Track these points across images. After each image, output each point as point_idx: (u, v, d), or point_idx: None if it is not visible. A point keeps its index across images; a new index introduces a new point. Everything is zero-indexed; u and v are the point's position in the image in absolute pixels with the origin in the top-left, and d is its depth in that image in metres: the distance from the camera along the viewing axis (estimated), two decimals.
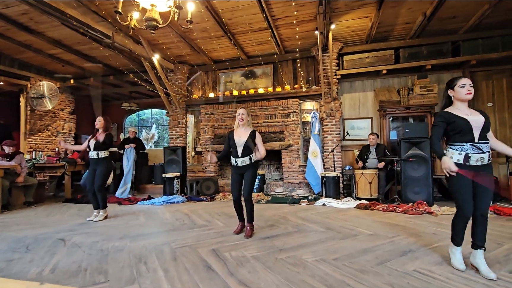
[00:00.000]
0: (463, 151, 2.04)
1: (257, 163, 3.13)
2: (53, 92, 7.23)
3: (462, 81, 2.10)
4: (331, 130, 6.19)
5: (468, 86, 2.08)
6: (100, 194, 4.04)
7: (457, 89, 2.11)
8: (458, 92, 2.11)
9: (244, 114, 3.13)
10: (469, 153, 2.01)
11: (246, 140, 3.05)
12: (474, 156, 2.01)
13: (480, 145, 2.01)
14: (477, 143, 2.01)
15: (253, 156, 3.06)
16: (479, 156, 2.00)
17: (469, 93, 2.08)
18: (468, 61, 5.47)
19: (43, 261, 2.44)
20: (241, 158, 3.06)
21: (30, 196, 5.37)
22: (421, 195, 4.68)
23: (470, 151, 2.02)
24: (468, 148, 2.02)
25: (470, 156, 2.01)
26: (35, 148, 7.26)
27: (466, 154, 2.02)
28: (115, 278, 2.07)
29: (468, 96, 2.08)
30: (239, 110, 3.15)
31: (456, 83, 2.12)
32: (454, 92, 2.14)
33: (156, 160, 8.36)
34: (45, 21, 4.91)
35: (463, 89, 2.09)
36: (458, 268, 2.09)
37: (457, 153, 2.06)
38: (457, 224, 2.12)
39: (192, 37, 5.71)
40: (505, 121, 5.67)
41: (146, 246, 2.78)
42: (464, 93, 2.09)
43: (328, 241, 2.86)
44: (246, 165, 3.06)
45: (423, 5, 4.64)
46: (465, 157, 2.02)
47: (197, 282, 1.97)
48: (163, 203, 5.36)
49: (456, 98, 2.14)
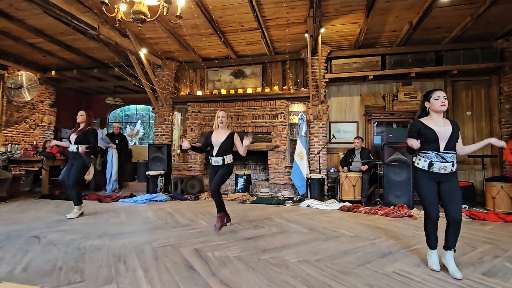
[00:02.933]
0: (428, 158, 2.20)
1: (231, 165, 3.31)
2: (32, 83, 6.92)
3: (437, 94, 2.24)
4: (318, 133, 6.27)
5: (442, 99, 2.21)
6: (74, 190, 3.87)
7: (432, 101, 2.25)
8: (433, 104, 2.25)
9: (224, 117, 3.29)
10: (433, 160, 2.18)
11: (223, 141, 3.23)
12: (437, 163, 2.17)
13: (444, 154, 2.16)
14: (442, 152, 2.17)
15: (226, 158, 3.23)
16: (442, 164, 2.16)
17: (443, 105, 2.21)
18: (450, 70, 5.68)
19: (14, 259, 2.32)
20: (215, 157, 3.25)
21: (4, 190, 5.10)
22: (402, 199, 4.80)
23: (434, 159, 2.18)
24: (432, 156, 2.19)
25: (434, 164, 2.17)
26: (11, 140, 6.92)
27: (430, 161, 2.19)
28: (91, 277, 1.99)
29: (442, 108, 2.21)
30: (220, 113, 3.32)
31: (432, 95, 2.26)
32: (429, 104, 2.27)
33: (140, 157, 8.17)
34: (26, 8, 4.68)
35: (437, 101, 2.22)
36: (432, 268, 2.19)
37: (423, 159, 2.23)
38: (427, 228, 2.26)
39: (181, 33, 5.62)
40: (482, 129, 5.93)
41: (126, 245, 2.70)
42: (438, 105, 2.22)
43: (311, 242, 2.88)
44: (219, 165, 3.25)
45: (410, 14, 4.77)
46: (429, 164, 2.19)
47: (178, 282, 1.93)
48: (146, 201, 5.24)
49: (432, 110, 2.27)
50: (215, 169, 3.30)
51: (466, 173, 5.92)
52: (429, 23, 4.97)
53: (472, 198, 4.98)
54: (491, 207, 4.66)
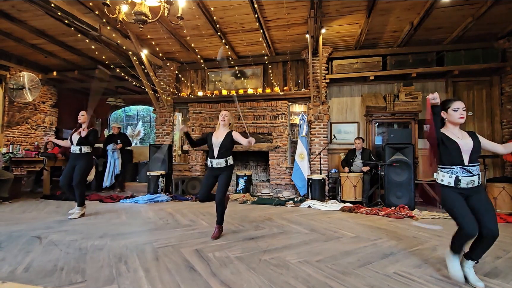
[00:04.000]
0: (453, 174, 2.01)
1: (232, 166, 3.17)
2: (34, 84, 6.95)
3: (456, 105, 2.05)
4: (319, 134, 6.26)
5: (461, 110, 2.04)
6: (78, 190, 3.88)
7: (451, 112, 2.07)
8: (451, 116, 2.07)
9: (227, 116, 3.18)
10: (460, 175, 1.99)
11: (223, 140, 3.09)
12: (464, 178, 1.98)
13: (470, 168, 1.98)
14: (467, 166, 1.99)
15: (228, 159, 3.09)
16: (469, 178, 1.97)
17: (462, 117, 2.04)
18: (451, 71, 5.66)
19: (16, 259, 2.32)
20: (216, 159, 3.07)
21: (5, 191, 5.12)
22: (403, 199, 4.79)
23: (461, 174, 1.99)
24: (458, 171, 2.00)
25: (461, 179, 1.98)
26: (13, 141, 6.94)
27: (457, 176, 1.99)
28: (93, 278, 2.00)
29: (460, 120, 2.05)
30: (223, 111, 3.22)
31: (450, 105, 2.07)
32: (447, 114, 2.09)
33: (141, 157, 8.18)
34: (28, 9, 4.70)
35: (456, 112, 2.05)
36: (456, 278, 1.99)
37: (447, 175, 2.03)
38: (460, 241, 2.01)
39: (182, 34, 5.63)
40: (484, 130, 5.91)
41: (127, 245, 2.71)
42: (457, 117, 2.05)
43: (312, 243, 2.88)
44: (222, 167, 3.07)
45: (411, 15, 4.77)
46: (456, 179, 1.99)
47: (179, 283, 1.93)
48: (147, 201, 5.25)
49: (449, 121, 2.10)
50: (214, 173, 3.12)
51: None
52: (430, 24, 4.96)
53: None
54: None
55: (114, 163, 6.56)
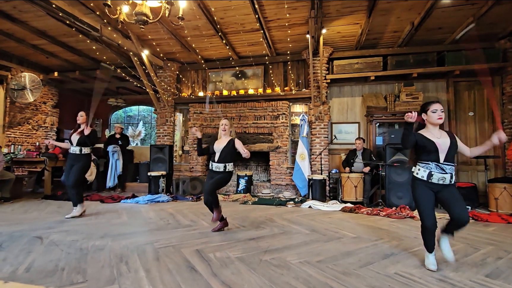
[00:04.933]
0: (427, 168, 2.20)
1: (230, 173, 3.32)
2: (35, 84, 6.96)
3: (434, 107, 2.23)
4: (319, 134, 6.26)
5: (439, 112, 2.22)
6: (73, 190, 3.89)
7: (430, 114, 2.25)
8: (430, 117, 2.25)
9: (227, 125, 3.35)
10: (433, 171, 2.17)
11: (224, 147, 3.26)
12: (436, 174, 2.16)
13: (444, 166, 2.16)
14: (441, 164, 2.17)
15: (228, 165, 3.25)
16: (441, 175, 2.15)
17: (440, 118, 2.22)
18: (452, 71, 5.65)
19: (17, 259, 2.33)
20: (216, 163, 3.26)
21: (7, 191, 5.13)
22: (404, 200, 4.79)
23: (434, 169, 2.17)
24: (432, 167, 2.18)
25: (433, 174, 2.17)
26: (14, 141, 6.96)
27: (430, 171, 2.18)
28: (94, 278, 2.00)
29: (439, 121, 2.22)
30: (223, 121, 3.37)
31: (429, 107, 2.25)
32: (427, 116, 2.27)
33: (141, 157, 8.19)
34: (29, 10, 4.72)
35: (435, 114, 2.22)
36: (429, 268, 2.20)
37: (423, 170, 2.22)
38: (424, 235, 2.26)
39: (183, 35, 5.64)
40: (485, 130, 5.90)
41: (128, 246, 2.71)
42: (436, 118, 2.22)
43: (312, 243, 2.88)
44: (220, 171, 3.24)
45: (411, 15, 4.77)
46: (428, 174, 2.18)
47: (180, 283, 1.93)
48: (148, 201, 5.25)
49: (428, 122, 2.28)
50: (213, 175, 3.29)
51: (468, 173, 5.90)
52: (431, 24, 4.95)
53: (474, 199, 4.95)
54: (494, 208, 4.63)
55: (115, 163, 6.57)
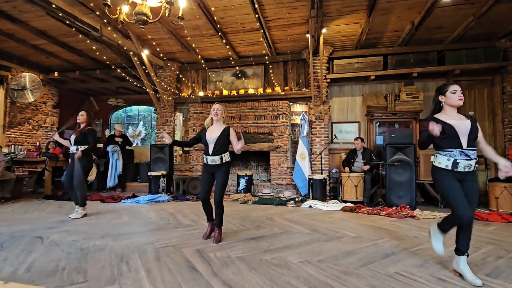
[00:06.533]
0: (451, 156, 2.01)
1: (229, 163, 2.99)
2: (35, 85, 6.96)
3: (454, 87, 2.09)
4: (320, 133, 6.26)
5: (459, 93, 2.07)
6: (79, 191, 3.89)
7: (449, 95, 2.09)
8: (449, 98, 2.09)
9: (219, 110, 2.95)
10: (458, 159, 1.99)
11: (218, 137, 2.89)
12: (462, 162, 1.99)
13: (468, 151, 1.99)
14: (465, 149, 1.99)
15: (224, 156, 2.92)
16: (467, 162, 1.98)
17: (460, 99, 2.07)
18: (452, 70, 5.64)
19: (18, 259, 2.33)
20: (211, 156, 2.90)
21: (7, 191, 5.14)
22: (404, 199, 4.78)
23: (459, 157, 1.99)
24: (456, 154, 2.00)
25: (459, 162, 1.99)
26: (14, 141, 6.97)
27: (455, 159, 2.00)
28: (94, 278, 2.00)
29: (459, 102, 2.07)
30: (215, 105, 2.98)
31: (448, 89, 2.10)
32: (445, 98, 2.11)
33: (142, 157, 8.19)
34: (29, 10, 4.71)
35: (454, 95, 2.07)
36: (437, 250, 2.14)
37: (446, 158, 2.04)
38: (449, 222, 2.10)
39: (183, 34, 5.64)
40: (485, 129, 5.89)
41: (128, 246, 2.71)
42: (456, 99, 2.07)
43: (313, 243, 2.88)
44: (217, 164, 2.90)
45: (412, 14, 4.76)
46: (454, 162, 2.00)
47: (180, 283, 1.94)
48: (148, 201, 5.25)
49: (447, 104, 2.11)
50: (210, 170, 2.95)
51: None
52: (431, 23, 4.94)
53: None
54: (494, 207, 4.63)
55: (115, 163, 6.58)
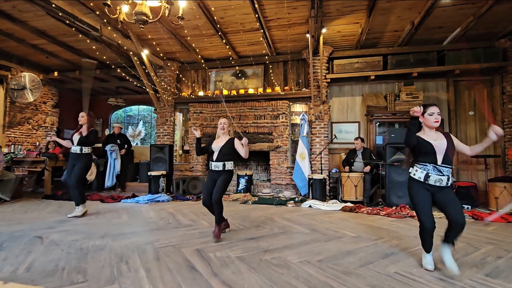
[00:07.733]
0: (425, 170, 2.21)
1: (231, 172, 3.24)
2: (35, 84, 6.96)
3: (431, 109, 2.25)
4: (319, 133, 6.26)
5: (436, 115, 2.23)
6: (75, 190, 3.91)
7: (427, 117, 2.26)
8: (427, 120, 2.26)
9: (225, 124, 3.30)
10: (430, 173, 2.18)
11: (222, 146, 3.19)
12: (433, 176, 2.17)
13: (441, 168, 2.17)
14: (439, 166, 2.18)
15: (227, 164, 3.16)
16: (438, 177, 2.16)
17: (436, 121, 2.23)
18: (452, 70, 5.65)
19: (18, 259, 2.33)
20: (215, 162, 3.17)
21: (7, 191, 5.13)
22: (404, 199, 4.78)
23: (432, 171, 2.18)
24: (430, 169, 2.19)
25: (430, 176, 2.18)
26: (14, 141, 6.96)
27: (427, 173, 2.19)
28: (94, 277, 2.00)
29: (435, 124, 2.24)
30: (222, 120, 3.31)
31: (426, 111, 2.27)
32: (424, 119, 2.28)
33: (142, 157, 8.19)
34: (29, 9, 4.71)
35: (431, 117, 2.24)
36: (426, 268, 2.21)
37: (420, 171, 2.23)
38: (422, 236, 2.25)
39: (183, 34, 5.64)
40: (485, 129, 5.89)
41: (128, 245, 2.71)
42: (432, 121, 2.24)
43: (313, 243, 2.88)
44: (219, 170, 3.14)
45: (412, 14, 4.76)
46: (426, 175, 2.19)
47: (180, 283, 1.94)
48: (148, 201, 5.25)
49: (425, 125, 2.29)
50: (214, 176, 3.17)
51: (469, 173, 5.89)
52: (431, 23, 4.94)
53: (474, 198, 4.95)
54: (494, 207, 4.63)
55: (114, 163, 6.58)
